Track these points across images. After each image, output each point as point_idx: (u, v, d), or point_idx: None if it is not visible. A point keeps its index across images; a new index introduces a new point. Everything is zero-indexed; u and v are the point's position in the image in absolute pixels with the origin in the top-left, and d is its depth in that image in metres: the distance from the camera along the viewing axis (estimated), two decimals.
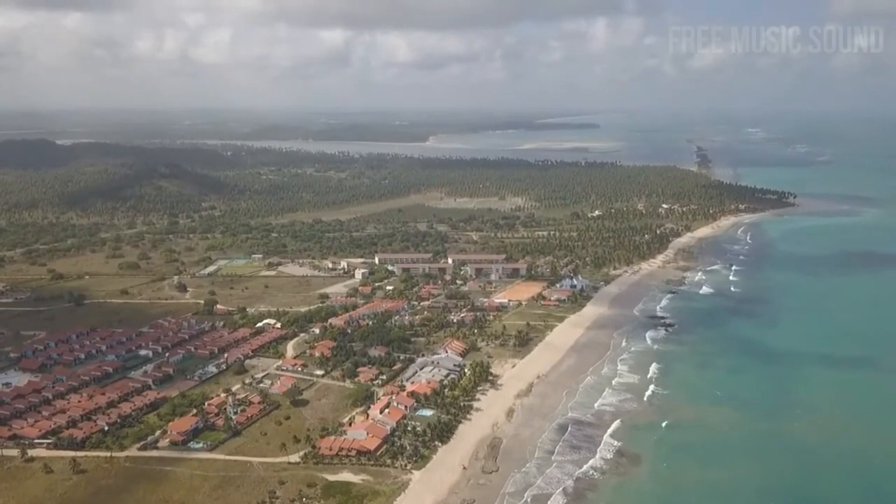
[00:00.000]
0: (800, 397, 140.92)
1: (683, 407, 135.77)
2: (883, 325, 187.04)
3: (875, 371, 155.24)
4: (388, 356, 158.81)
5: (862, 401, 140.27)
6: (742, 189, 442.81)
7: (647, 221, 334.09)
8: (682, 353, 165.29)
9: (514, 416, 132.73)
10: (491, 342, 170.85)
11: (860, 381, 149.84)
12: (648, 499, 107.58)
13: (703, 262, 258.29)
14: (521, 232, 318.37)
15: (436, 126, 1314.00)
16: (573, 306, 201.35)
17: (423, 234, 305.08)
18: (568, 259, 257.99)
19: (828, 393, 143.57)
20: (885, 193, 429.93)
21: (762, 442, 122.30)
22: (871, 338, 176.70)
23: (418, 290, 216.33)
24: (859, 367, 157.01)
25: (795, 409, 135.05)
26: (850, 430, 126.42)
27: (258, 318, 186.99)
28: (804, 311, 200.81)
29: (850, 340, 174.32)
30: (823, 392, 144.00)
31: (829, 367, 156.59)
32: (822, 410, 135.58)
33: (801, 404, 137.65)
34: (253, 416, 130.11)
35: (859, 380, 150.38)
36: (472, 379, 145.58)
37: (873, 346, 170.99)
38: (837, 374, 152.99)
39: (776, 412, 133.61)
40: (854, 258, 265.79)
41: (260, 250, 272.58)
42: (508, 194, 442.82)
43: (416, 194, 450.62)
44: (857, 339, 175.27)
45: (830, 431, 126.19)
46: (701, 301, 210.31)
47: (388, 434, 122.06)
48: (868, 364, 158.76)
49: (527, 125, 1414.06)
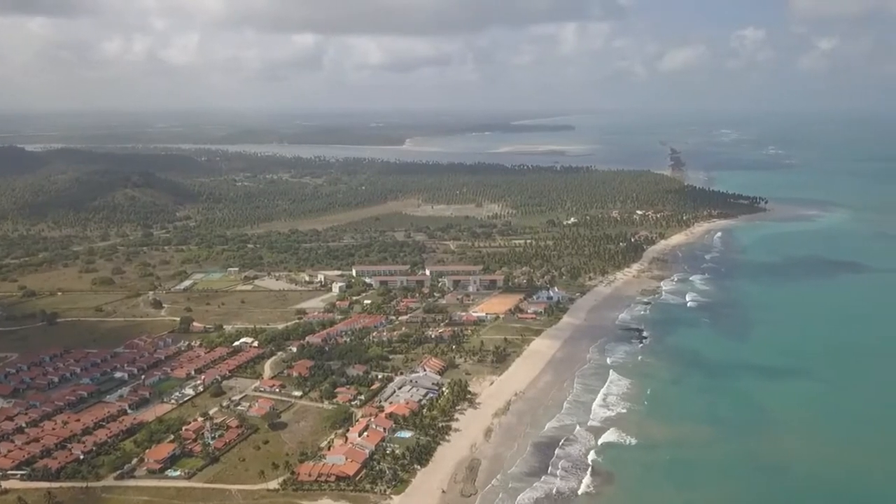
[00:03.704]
0: (771, 412, 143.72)
1: (658, 424, 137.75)
2: (852, 336, 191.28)
3: (844, 384, 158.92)
4: (366, 375, 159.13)
5: (831, 415, 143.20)
6: (715, 195, 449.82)
7: (621, 229, 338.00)
8: (656, 368, 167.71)
9: (492, 436, 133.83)
10: (469, 358, 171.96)
11: (829, 394, 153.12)
12: None
13: (677, 272, 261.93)
14: (499, 241, 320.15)
15: (412, 128, 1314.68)
16: (550, 319, 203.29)
17: (400, 244, 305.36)
18: (544, 269, 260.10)
19: (798, 407, 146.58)
20: (850, 198, 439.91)
21: (735, 460, 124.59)
22: (840, 349, 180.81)
23: (396, 303, 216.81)
24: (828, 380, 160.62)
25: (767, 425, 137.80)
26: (820, 446, 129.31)
27: (235, 336, 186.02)
28: (776, 322, 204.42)
29: (821, 353, 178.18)
30: (794, 406, 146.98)
31: (800, 380, 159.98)
32: (794, 426, 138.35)
33: (772, 420, 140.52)
34: (231, 441, 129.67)
35: (828, 393, 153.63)
36: (451, 398, 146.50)
37: (843, 358, 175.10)
38: (807, 387, 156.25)
39: (748, 429, 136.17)
40: (822, 266, 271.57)
41: (236, 263, 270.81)
42: (485, 201, 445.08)
43: (394, 201, 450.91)
44: (827, 352, 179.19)
45: (801, 447, 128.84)
46: (675, 312, 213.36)
47: (367, 458, 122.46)
48: (837, 377, 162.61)
49: (502, 127, 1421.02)
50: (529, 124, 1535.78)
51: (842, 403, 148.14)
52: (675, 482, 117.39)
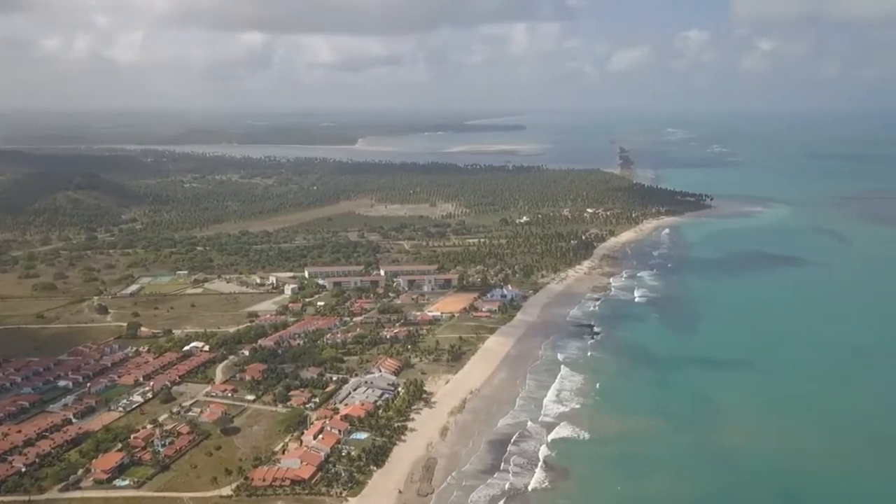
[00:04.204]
0: (718, 404, 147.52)
1: (610, 418, 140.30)
2: (793, 327, 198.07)
3: (787, 374, 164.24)
4: (320, 377, 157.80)
5: (776, 404, 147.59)
6: (663, 192, 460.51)
7: (572, 227, 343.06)
8: (607, 363, 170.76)
9: (447, 435, 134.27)
10: (424, 358, 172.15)
11: (772, 384, 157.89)
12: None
13: (627, 268, 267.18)
14: (453, 240, 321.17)
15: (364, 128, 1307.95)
16: (504, 317, 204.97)
17: (354, 245, 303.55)
18: (498, 268, 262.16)
19: (744, 398, 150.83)
20: (790, 194, 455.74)
21: (685, 451, 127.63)
22: (783, 341, 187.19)
23: (350, 304, 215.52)
24: (771, 371, 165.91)
25: (714, 417, 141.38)
26: (766, 435, 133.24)
27: (185, 340, 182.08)
28: (721, 316, 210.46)
29: (764, 344, 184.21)
30: (740, 397, 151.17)
31: (744, 372, 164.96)
32: (740, 416, 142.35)
33: (719, 411, 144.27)
34: (182, 447, 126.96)
35: (771, 383, 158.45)
36: (406, 398, 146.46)
37: (786, 349, 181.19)
38: (752, 378, 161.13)
39: (697, 420, 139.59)
40: (764, 260, 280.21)
41: (185, 266, 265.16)
42: (439, 200, 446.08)
43: (346, 201, 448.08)
44: (771, 343, 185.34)
45: (748, 437, 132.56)
46: (624, 307, 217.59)
47: (323, 461, 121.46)
48: (780, 368, 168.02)
49: (455, 127, 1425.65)
50: (482, 124, 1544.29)
51: (785, 393, 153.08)
52: (628, 474, 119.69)
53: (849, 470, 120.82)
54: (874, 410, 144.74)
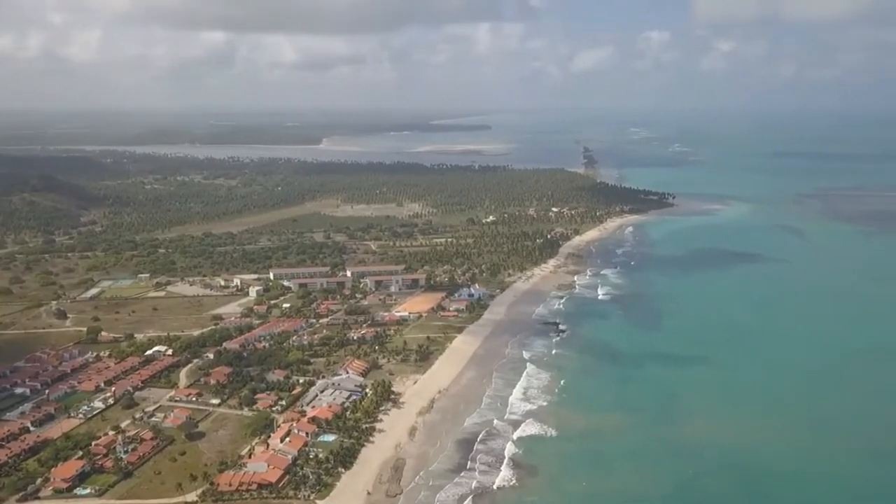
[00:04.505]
0: (682, 398, 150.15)
1: (576, 415, 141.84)
2: (754, 322, 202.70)
3: (748, 368, 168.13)
4: (287, 380, 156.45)
5: (737, 398, 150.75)
6: (626, 191, 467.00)
7: (538, 226, 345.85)
8: (573, 360, 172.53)
9: (416, 435, 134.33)
10: (392, 358, 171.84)
11: (734, 378, 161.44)
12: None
13: (592, 266, 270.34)
14: (420, 240, 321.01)
15: (329, 127, 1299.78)
16: (471, 316, 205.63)
17: (319, 246, 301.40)
18: (465, 267, 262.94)
19: (706, 392, 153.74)
20: (749, 191, 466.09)
21: (651, 445, 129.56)
22: (744, 336, 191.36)
23: (316, 306, 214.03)
24: (733, 365, 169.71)
25: (679, 411, 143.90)
26: (729, 428, 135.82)
27: (147, 345, 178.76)
28: (683, 312, 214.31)
29: (726, 339, 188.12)
30: (702, 391, 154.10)
31: (707, 366, 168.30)
32: (703, 410, 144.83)
33: (683, 405, 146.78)
34: (145, 454, 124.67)
35: (733, 377, 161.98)
36: (374, 399, 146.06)
37: (746, 344, 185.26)
38: (714, 373, 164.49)
39: (662, 415, 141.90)
40: (725, 257, 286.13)
41: (147, 269, 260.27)
42: (406, 200, 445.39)
43: (312, 202, 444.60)
44: (732, 338, 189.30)
45: (711, 430, 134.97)
46: (589, 305, 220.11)
47: (290, 464, 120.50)
48: (742, 362, 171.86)
49: (421, 126, 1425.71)
50: (447, 124, 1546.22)
51: (746, 387, 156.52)
52: (595, 470, 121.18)
53: (808, 460, 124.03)
54: (833, 402, 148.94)
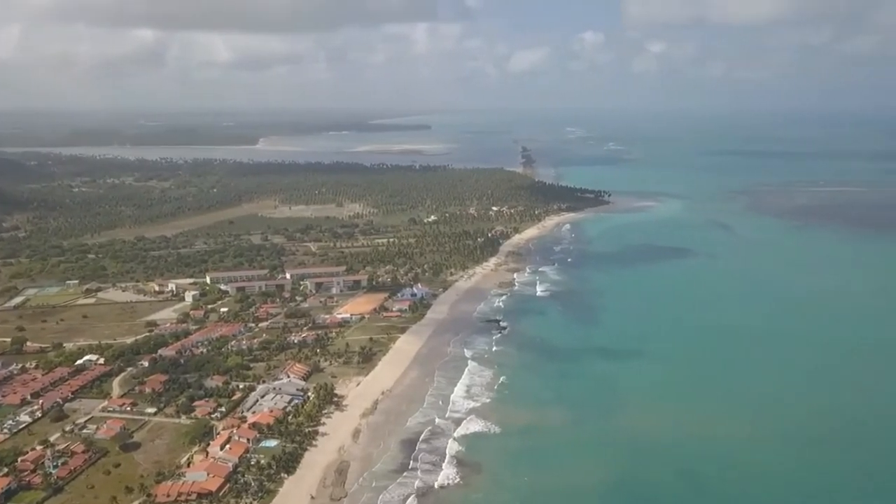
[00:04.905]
0: (622, 392, 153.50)
1: (519, 411, 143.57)
2: (688, 316, 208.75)
3: (685, 361, 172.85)
4: (226, 386, 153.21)
5: (675, 390, 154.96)
6: (563, 189, 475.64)
7: (479, 225, 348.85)
8: (514, 357, 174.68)
9: (360, 437, 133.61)
10: (334, 361, 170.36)
11: (671, 371, 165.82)
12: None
13: (532, 263, 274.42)
14: (361, 240, 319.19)
15: (266, 127, 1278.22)
16: (415, 316, 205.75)
17: (257, 248, 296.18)
18: (408, 267, 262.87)
19: (645, 385, 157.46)
20: (681, 189, 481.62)
21: (594, 440, 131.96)
22: (679, 329, 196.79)
23: (255, 310, 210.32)
24: (670, 358, 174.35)
25: (619, 405, 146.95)
26: (668, 421, 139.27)
27: (77, 354, 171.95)
28: (620, 307, 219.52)
29: (661, 333, 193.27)
30: (641, 385, 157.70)
31: (645, 360, 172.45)
32: (642, 403, 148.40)
33: (623, 399, 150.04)
34: (77, 468, 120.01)
35: (670, 370, 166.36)
36: (317, 403, 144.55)
37: (682, 337, 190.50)
38: (652, 366, 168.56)
39: (604, 409, 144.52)
40: (659, 252, 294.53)
41: (75, 275, 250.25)
42: (346, 200, 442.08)
43: (249, 203, 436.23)
44: (667, 332, 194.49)
45: (651, 423, 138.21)
46: (530, 302, 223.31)
47: (231, 471, 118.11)
48: (678, 355, 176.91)
49: (360, 126, 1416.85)
50: (387, 123, 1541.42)
51: (681, 378, 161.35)
52: (539, 465, 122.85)
53: (740, 446, 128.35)
54: (763, 389, 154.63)
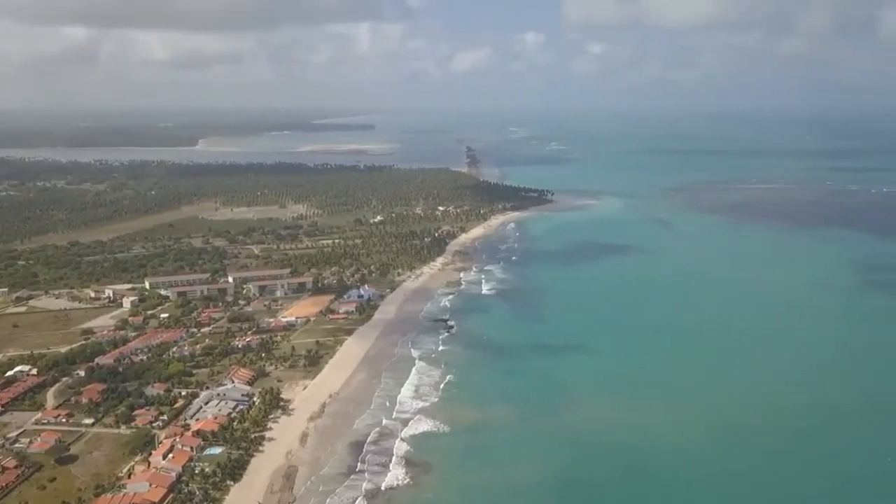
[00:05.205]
0: (569, 388, 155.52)
1: (468, 409, 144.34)
2: (630, 311, 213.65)
3: (629, 355, 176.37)
4: (168, 393, 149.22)
5: (620, 384, 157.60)
6: (508, 189, 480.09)
7: (425, 225, 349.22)
8: (462, 355, 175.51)
9: (307, 441, 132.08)
10: (280, 365, 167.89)
11: (616, 365, 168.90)
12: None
13: (478, 262, 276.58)
14: (306, 242, 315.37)
15: (205, 128, 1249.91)
16: (362, 317, 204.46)
17: (198, 252, 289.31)
18: (354, 268, 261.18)
19: (591, 380, 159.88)
20: (621, 187, 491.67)
21: (543, 435, 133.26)
22: (621, 323, 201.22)
23: (197, 315, 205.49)
24: (614, 353, 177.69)
25: (567, 400, 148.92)
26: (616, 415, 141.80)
27: (8, 365, 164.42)
28: (565, 303, 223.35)
29: (605, 327, 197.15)
30: (588, 380, 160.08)
31: (590, 355, 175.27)
32: (589, 398, 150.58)
33: (570, 394, 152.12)
34: (9, 484, 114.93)
35: (615, 364, 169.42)
36: (263, 408, 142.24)
37: (626, 331, 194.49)
38: (597, 361, 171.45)
39: (552, 405, 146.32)
40: (602, 249, 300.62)
41: (4, 283, 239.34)
42: (289, 202, 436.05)
43: (189, 206, 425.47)
44: (611, 326, 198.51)
45: (599, 417, 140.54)
46: (477, 301, 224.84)
47: (174, 481, 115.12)
48: (622, 349, 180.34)
49: (303, 126, 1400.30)
50: (330, 123, 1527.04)
51: (626, 372, 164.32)
52: (488, 462, 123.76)
53: (681, 437, 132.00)
54: (704, 382, 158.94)
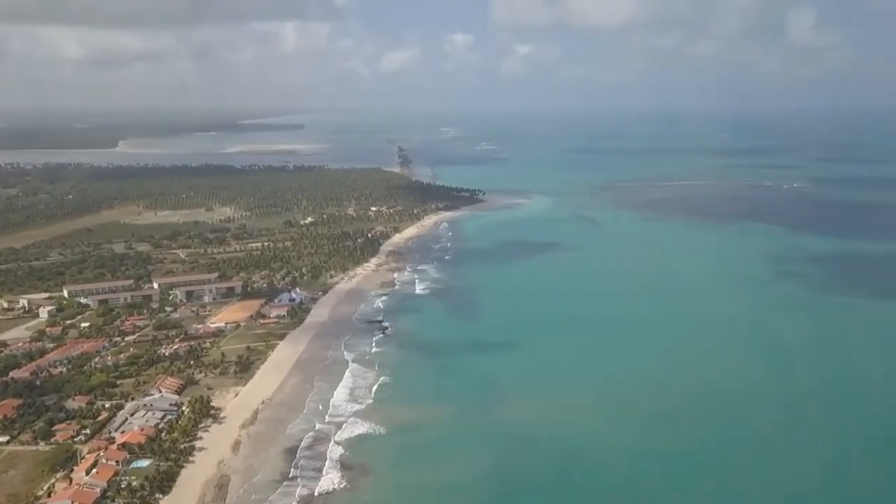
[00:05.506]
0: (503, 384, 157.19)
1: (404, 410, 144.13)
2: (561, 307, 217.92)
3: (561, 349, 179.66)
4: (90, 406, 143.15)
5: (554, 378, 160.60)
6: (440, 188, 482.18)
7: (358, 226, 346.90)
8: (397, 356, 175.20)
9: (240, 449, 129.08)
10: (210, 372, 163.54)
11: (549, 360, 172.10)
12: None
13: (412, 262, 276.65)
14: (234, 245, 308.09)
15: (126, 129, 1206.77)
16: (294, 321, 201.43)
17: (121, 258, 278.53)
18: (285, 272, 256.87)
19: (525, 375, 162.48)
20: (551, 186, 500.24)
21: (480, 432, 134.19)
22: (552, 319, 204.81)
23: (120, 323, 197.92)
24: (547, 348, 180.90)
25: (502, 396, 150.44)
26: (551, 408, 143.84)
27: None
28: (498, 301, 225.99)
29: (537, 323, 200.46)
30: (521, 375, 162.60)
31: (523, 351, 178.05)
32: (524, 393, 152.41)
33: (505, 390, 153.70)
34: None
35: (548, 359, 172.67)
36: (192, 417, 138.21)
37: (557, 327, 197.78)
38: (530, 357, 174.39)
39: (487, 401, 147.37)
40: (533, 247, 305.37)
41: None
42: (216, 204, 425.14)
43: (109, 210, 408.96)
44: (543, 322, 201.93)
45: (535, 412, 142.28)
46: (411, 301, 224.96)
47: (99, 497, 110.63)
48: (554, 344, 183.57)
49: (229, 127, 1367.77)
50: (258, 123, 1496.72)
51: (558, 367, 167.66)
52: (426, 462, 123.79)
53: (619, 432, 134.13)
54: (636, 375, 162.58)
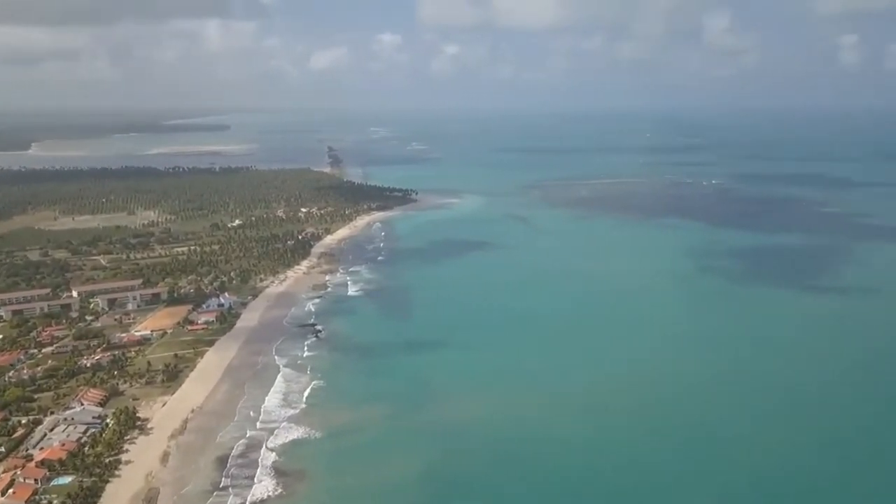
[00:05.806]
0: (439, 383, 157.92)
1: (339, 413, 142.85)
2: (495, 305, 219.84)
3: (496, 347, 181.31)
4: (5, 423, 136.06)
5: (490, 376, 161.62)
6: (372, 189, 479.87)
7: (288, 227, 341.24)
8: (330, 359, 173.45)
9: (169, 460, 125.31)
10: (135, 382, 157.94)
11: (485, 358, 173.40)
12: None
13: (344, 264, 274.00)
14: (158, 250, 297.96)
15: (40, 130, 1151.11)
16: (223, 327, 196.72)
17: (36, 265, 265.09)
18: (213, 276, 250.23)
19: (461, 374, 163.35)
20: (482, 185, 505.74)
21: (418, 431, 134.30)
22: (487, 317, 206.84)
23: (37, 334, 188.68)
24: (481, 346, 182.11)
25: (438, 395, 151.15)
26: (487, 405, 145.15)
27: None
28: (433, 301, 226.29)
29: (472, 322, 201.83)
30: (458, 374, 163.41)
31: (458, 350, 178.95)
32: (460, 391, 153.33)
33: (441, 389, 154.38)
34: None
35: (484, 357, 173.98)
36: (117, 429, 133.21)
37: (491, 325, 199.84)
38: (466, 355, 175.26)
39: (423, 401, 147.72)
40: (466, 246, 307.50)
41: None
42: (139, 208, 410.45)
43: (22, 216, 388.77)
44: (478, 320, 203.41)
45: (472, 409, 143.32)
46: (344, 303, 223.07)
47: None
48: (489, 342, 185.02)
49: (151, 127, 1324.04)
50: (182, 124, 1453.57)
51: (492, 365, 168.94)
52: (364, 464, 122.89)
53: (558, 427, 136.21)
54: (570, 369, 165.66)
